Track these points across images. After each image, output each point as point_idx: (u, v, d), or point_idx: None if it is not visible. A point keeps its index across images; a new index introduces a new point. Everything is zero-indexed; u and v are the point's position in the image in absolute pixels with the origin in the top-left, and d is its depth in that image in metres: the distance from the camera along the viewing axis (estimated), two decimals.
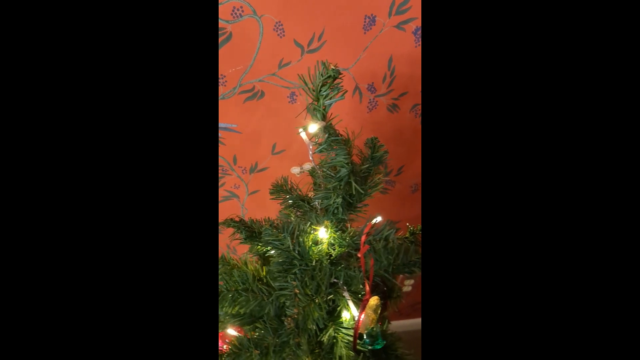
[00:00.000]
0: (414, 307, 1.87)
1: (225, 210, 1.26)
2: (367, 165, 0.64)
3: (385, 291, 0.77)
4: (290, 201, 0.77)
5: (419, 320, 1.91)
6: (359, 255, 0.60)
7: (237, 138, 1.11)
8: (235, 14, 0.89)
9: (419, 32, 0.99)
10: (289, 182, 0.80)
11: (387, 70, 1.06)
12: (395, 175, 1.30)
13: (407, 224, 0.76)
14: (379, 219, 0.77)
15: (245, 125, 1.09)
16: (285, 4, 0.90)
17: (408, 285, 1.69)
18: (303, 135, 0.70)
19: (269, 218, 0.75)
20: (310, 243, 0.63)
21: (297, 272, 0.61)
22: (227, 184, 1.21)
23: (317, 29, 0.95)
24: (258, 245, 0.71)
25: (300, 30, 0.94)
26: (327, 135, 0.54)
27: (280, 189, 0.79)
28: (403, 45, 1.01)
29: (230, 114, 1.05)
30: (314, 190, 0.79)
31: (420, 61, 1.05)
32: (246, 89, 1.01)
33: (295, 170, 1.29)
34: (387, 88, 1.09)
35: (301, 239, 0.62)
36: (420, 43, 1.01)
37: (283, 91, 1.03)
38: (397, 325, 1.85)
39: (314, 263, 0.61)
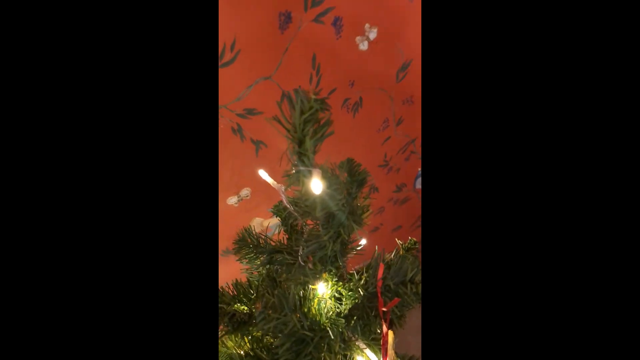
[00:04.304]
0: None
1: None
2: (356, 194, 0.53)
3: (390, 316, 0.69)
4: (263, 256, 0.62)
5: None
6: (384, 309, 0.50)
7: None
8: None
9: (339, 22, 0.89)
10: (254, 231, 0.65)
11: (312, 69, 0.94)
12: None
13: (397, 240, 0.68)
14: (363, 242, 0.68)
15: None
16: None
17: None
18: (266, 177, 0.56)
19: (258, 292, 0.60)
20: (318, 308, 0.51)
21: (312, 350, 0.49)
22: None
23: (227, 39, 0.78)
24: (252, 333, 0.56)
25: None
26: (325, 181, 0.41)
27: (245, 242, 0.64)
28: (324, 40, 0.91)
29: None
30: (288, 233, 0.65)
31: (343, 54, 0.96)
32: None
33: (257, 221, 1.10)
34: (316, 89, 0.98)
35: (306, 309, 0.49)
36: (341, 34, 0.92)
37: None
38: None
39: (330, 333, 0.49)
